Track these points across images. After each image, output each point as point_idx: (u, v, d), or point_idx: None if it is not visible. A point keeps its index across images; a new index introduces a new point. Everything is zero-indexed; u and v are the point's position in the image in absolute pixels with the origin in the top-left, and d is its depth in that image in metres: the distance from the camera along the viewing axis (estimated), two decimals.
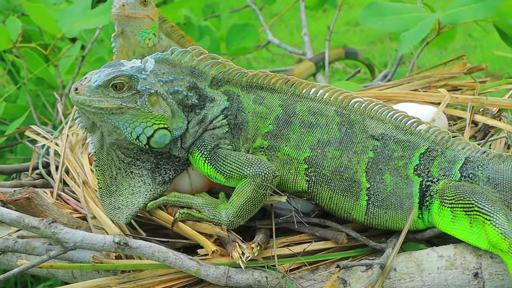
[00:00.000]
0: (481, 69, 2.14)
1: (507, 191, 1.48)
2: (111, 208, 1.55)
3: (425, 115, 1.92)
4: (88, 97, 1.45)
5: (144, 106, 1.47)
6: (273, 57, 4.12)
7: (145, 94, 1.47)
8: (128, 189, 1.55)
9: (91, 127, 1.53)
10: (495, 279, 1.42)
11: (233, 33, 2.84)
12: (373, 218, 1.52)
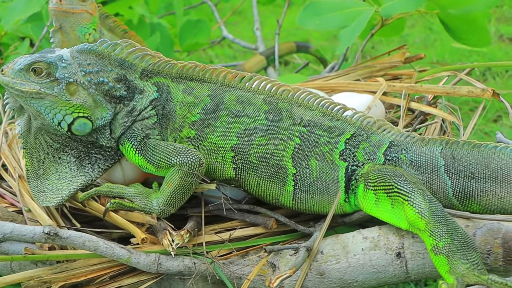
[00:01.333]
0: (420, 58, 2.19)
1: (429, 173, 1.52)
2: (36, 191, 1.59)
3: (363, 104, 1.96)
4: (12, 79, 1.50)
5: (62, 94, 1.51)
6: (235, 53, 4.15)
7: (63, 82, 1.51)
8: (55, 174, 1.58)
9: (19, 109, 1.58)
10: (416, 258, 1.46)
11: (186, 30, 2.86)
12: (300, 203, 1.55)
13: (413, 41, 4.33)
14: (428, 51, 4.19)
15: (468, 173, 1.50)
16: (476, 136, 3.46)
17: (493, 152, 1.51)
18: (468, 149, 1.53)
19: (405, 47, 2.26)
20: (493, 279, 1.27)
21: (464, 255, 1.35)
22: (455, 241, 1.36)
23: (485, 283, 1.28)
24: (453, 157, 1.52)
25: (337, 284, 1.50)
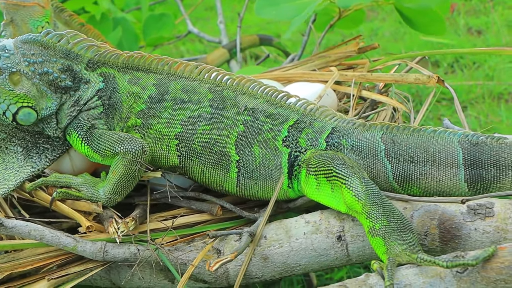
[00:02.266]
0: (374, 48, 2.22)
1: (370, 157, 1.55)
2: None
3: (315, 92, 1.99)
4: None
5: (5, 83, 1.52)
6: (205, 48, 4.16)
7: (5, 72, 1.52)
8: (2, 164, 1.60)
9: None
10: (356, 240, 1.49)
11: (149, 24, 2.87)
12: (244, 190, 1.58)
13: (383, 34, 4.37)
14: (398, 44, 4.24)
15: (408, 157, 1.54)
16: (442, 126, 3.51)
17: (432, 136, 1.54)
18: (408, 133, 1.56)
19: (361, 37, 2.28)
20: (422, 257, 1.30)
21: (400, 236, 1.38)
22: (392, 223, 1.39)
23: (415, 262, 1.31)
24: (393, 141, 1.55)
25: (281, 268, 1.53)
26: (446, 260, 1.27)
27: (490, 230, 1.42)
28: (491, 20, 4.38)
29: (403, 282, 1.29)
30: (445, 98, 3.73)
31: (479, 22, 4.42)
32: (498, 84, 3.70)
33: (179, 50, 4.23)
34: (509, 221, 1.41)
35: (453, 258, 1.28)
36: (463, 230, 1.43)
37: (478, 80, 3.76)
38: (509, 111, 3.49)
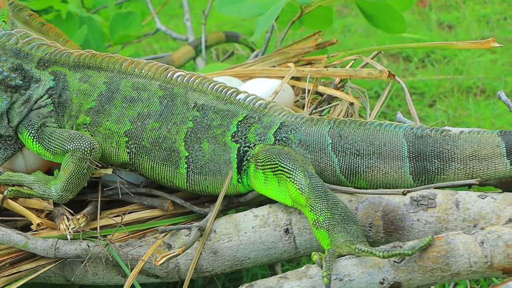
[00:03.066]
0: (332, 43, 2.24)
1: (317, 151, 1.58)
2: None
3: (272, 88, 2.01)
4: None
5: None
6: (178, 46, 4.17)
7: None
8: None
9: None
10: (303, 233, 1.52)
11: (116, 22, 2.88)
12: (194, 185, 1.60)
13: (356, 30, 4.40)
14: (370, 40, 4.27)
15: (354, 150, 1.56)
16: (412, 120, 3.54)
17: (378, 130, 1.57)
18: (354, 127, 1.58)
19: (320, 33, 2.31)
20: (360, 248, 1.33)
21: (344, 228, 1.41)
22: (336, 215, 1.42)
23: (354, 253, 1.34)
24: (340, 135, 1.57)
25: (231, 262, 1.55)
26: (383, 251, 1.30)
27: (432, 221, 1.45)
28: (462, 15, 4.43)
29: (343, 272, 1.32)
30: (415, 93, 3.77)
31: (451, 17, 4.46)
32: (467, 78, 3.74)
33: (152, 48, 4.23)
34: (450, 212, 1.44)
35: (391, 248, 1.31)
36: (406, 221, 1.46)
37: (449, 74, 3.81)
38: (478, 105, 3.53)
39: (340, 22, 4.58)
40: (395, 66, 4.01)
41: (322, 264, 1.31)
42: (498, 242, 1.31)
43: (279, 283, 1.31)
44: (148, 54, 3.99)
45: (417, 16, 4.57)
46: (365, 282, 1.31)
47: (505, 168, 1.52)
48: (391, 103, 3.70)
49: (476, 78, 3.71)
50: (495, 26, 4.30)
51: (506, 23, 4.33)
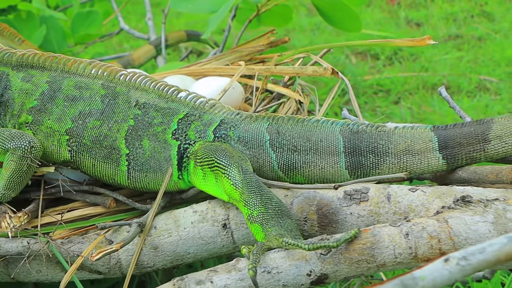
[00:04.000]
0: (284, 42, 2.27)
1: (255, 147, 1.61)
2: None
3: (222, 86, 2.04)
4: None
5: None
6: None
7: None
8: None
9: None
10: (240, 228, 1.54)
11: (77, 22, 2.89)
12: (135, 182, 1.62)
13: (325, 28, 4.43)
14: (339, 38, 4.30)
15: (291, 146, 1.59)
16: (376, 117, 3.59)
17: (315, 126, 1.61)
18: (292, 124, 1.62)
19: (274, 31, 2.34)
20: (287, 241, 1.36)
21: (278, 222, 1.44)
22: (269, 210, 1.45)
23: (282, 246, 1.37)
24: (278, 132, 1.61)
25: (171, 257, 1.57)
26: (309, 243, 1.33)
27: (364, 214, 1.48)
28: (430, 13, 4.49)
29: (271, 265, 1.35)
30: (382, 90, 3.82)
31: (419, 15, 4.52)
32: (432, 75, 3.79)
33: (122, 47, 4.25)
34: (382, 205, 1.48)
35: (318, 241, 1.34)
36: (339, 214, 1.49)
37: (415, 72, 3.85)
38: (442, 102, 3.57)
39: (310, 21, 4.62)
40: (363, 64, 4.06)
41: (250, 257, 1.34)
42: (422, 234, 1.35)
43: (208, 276, 1.34)
44: (118, 53, 4.01)
45: (386, 14, 4.62)
46: (293, 274, 1.34)
47: (437, 162, 1.56)
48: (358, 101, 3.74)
49: (441, 75, 3.77)
50: (462, 24, 4.36)
51: (473, 21, 4.39)
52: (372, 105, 3.74)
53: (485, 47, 4.04)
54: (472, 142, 1.55)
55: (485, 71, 3.77)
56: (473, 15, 4.43)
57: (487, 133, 1.54)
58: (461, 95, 3.62)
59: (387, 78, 3.80)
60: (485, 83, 3.68)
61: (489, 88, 3.66)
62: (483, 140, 1.54)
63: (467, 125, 1.56)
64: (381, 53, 4.10)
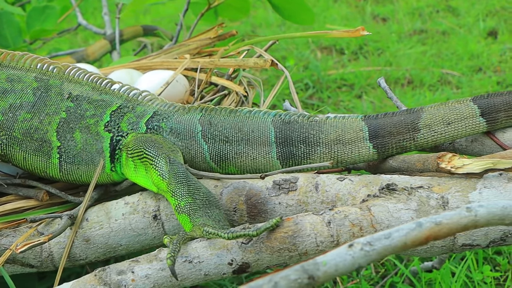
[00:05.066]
0: (232, 35, 2.28)
1: (187, 139, 1.61)
2: None
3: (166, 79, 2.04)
4: None
5: None
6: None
7: None
8: None
9: None
10: (171, 219, 1.54)
11: (33, 17, 2.87)
12: (68, 175, 1.62)
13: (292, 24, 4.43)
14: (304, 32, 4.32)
15: (223, 137, 1.60)
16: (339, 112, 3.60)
17: (247, 116, 1.61)
18: (225, 115, 1.62)
19: (223, 25, 2.34)
20: (208, 230, 1.36)
21: (206, 213, 1.44)
22: (197, 200, 1.45)
23: (203, 235, 1.37)
24: (210, 123, 1.61)
25: (104, 249, 1.57)
26: (228, 232, 1.33)
27: (292, 204, 1.49)
28: (396, 8, 4.51)
29: (192, 254, 1.35)
30: (345, 84, 3.83)
31: (386, 10, 4.54)
32: (396, 69, 3.81)
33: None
34: (310, 194, 1.48)
35: (240, 230, 1.35)
36: (268, 204, 1.50)
37: (379, 66, 3.87)
38: (404, 95, 3.60)
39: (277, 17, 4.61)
40: (328, 58, 4.07)
41: (170, 247, 1.34)
42: (344, 222, 1.36)
43: (130, 266, 1.34)
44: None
45: (353, 9, 4.63)
46: (214, 263, 1.34)
47: (368, 152, 1.56)
48: (321, 95, 3.76)
49: (404, 70, 3.79)
50: (428, 18, 4.38)
51: (438, 15, 4.41)
52: (335, 99, 3.75)
53: (449, 42, 4.07)
54: (402, 131, 1.56)
55: (448, 65, 3.80)
56: (439, 10, 4.46)
57: (417, 122, 1.56)
58: (423, 89, 3.64)
59: (351, 72, 3.82)
60: (447, 77, 3.71)
61: (451, 82, 3.69)
62: (413, 129, 1.56)
63: (397, 115, 1.58)
64: (346, 48, 4.12)
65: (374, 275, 2.43)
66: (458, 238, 1.40)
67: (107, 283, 1.32)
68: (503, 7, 4.37)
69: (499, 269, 2.43)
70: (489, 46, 3.98)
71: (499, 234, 1.39)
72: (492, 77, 3.65)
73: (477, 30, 4.15)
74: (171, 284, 1.32)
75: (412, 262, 2.37)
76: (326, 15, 4.51)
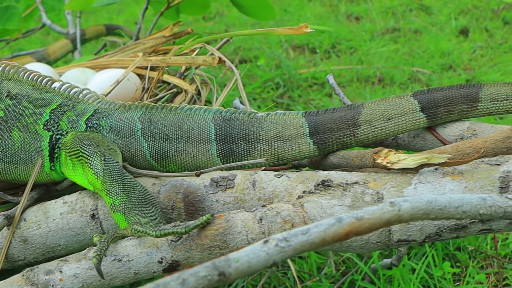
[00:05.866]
0: (188, 33, 2.26)
1: (127, 137, 1.59)
2: None
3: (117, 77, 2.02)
4: None
5: None
6: None
7: None
8: None
9: None
10: (109, 218, 1.53)
11: None
12: (6, 174, 1.60)
13: (266, 22, 4.42)
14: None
15: (163, 135, 1.58)
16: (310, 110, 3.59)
17: (188, 114, 1.59)
18: (165, 112, 1.60)
19: (180, 23, 2.32)
20: (136, 228, 1.35)
21: (141, 211, 1.43)
22: (132, 199, 1.43)
23: (133, 233, 1.36)
24: (150, 121, 1.59)
25: (42, 249, 1.55)
26: (157, 230, 1.32)
27: (230, 201, 1.47)
28: (370, 7, 4.51)
29: (122, 253, 1.33)
30: (317, 83, 3.82)
31: (359, 9, 4.54)
32: (367, 68, 3.81)
33: None
34: (247, 192, 1.47)
35: (170, 227, 1.33)
36: (206, 202, 1.48)
37: (351, 65, 3.87)
38: (374, 93, 3.60)
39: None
40: (301, 57, 4.06)
41: (97, 245, 1.33)
42: (276, 219, 1.35)
43: (58, 266, 1.33)
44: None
45: (327, 8, 4.63)
46: (144, 261, 1.32)
47: (308, 148, 1.56)
48: (291, 93, 3.75)
49: (375, 68, 3.78)
50: (401, 17, 4.39)
51: (411, 14, 4.42)
52: (306, 98, 3.74)
53: (421, 40, 4.08)
54: (342, 127, 1.55)
55: (419, 63, 3.80)
56: (412, 9, 4.46)
57: (357, 118, 1.55)
58: (393, 87, 3.64)
59: (322, 71, 3.81)
60: (418, 74, 3.71)
61: (421, 80, 3.69)
62: (353, 125, 1.55)
63: (338, 111, 1.57)
64: (318, 46, 4.11)
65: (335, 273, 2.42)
66: (393, 233, 1.39)
67: (35, 283, 1.31)
68: (475, 6, 4.38)
69: (460, 265, 2.44)
70: (461, 44, 3.99)
71: (434, 229, 1.38)
72: (462, 75, 3.66)
73: (449, 29, 4.16)
74: (100, 283, 1.31)
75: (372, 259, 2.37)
76: (300, 14, 4.50)
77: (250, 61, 3.95)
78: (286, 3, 4.64)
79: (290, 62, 3.89)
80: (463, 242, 2.52)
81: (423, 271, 2.34)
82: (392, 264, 2.32)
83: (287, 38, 4.19)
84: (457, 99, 1.56)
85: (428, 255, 2.36)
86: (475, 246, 2.48)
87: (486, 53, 3.88)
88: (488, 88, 1.56)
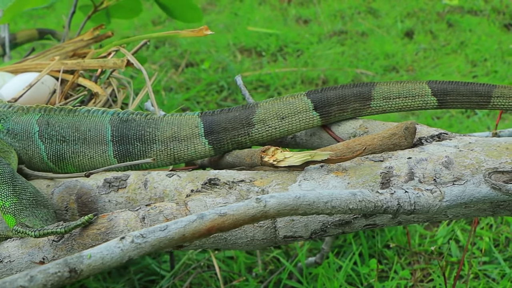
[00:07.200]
0: (108, 36, 2.27)
1: (25, 139, 1.60)
2: None
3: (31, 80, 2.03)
4: None
5: None
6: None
7: None
8: None
9: None
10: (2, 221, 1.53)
11: None
12: None
13: (216, 26, 4.46)
14: (230, 34, 4.34)
15: (60, 137, 1.59)
16: None
17: (86, 116, 1.61)
18: (63, 114, 1.61)
19: (103, 27, 2.33)
20: (16, 229, 1.35)
21: (32, 212, 1.43)
22: (23, 200, 1.44)
23: (13, 235, 1.36)
24: (48, 123, 1.60)
25: None
26: (36, 230, 1.33)
27: (122, 201, 1.49)
28: (319, 10, 4.56)
29: (3, 254, 1.34)
30: (262, 85, 3.85)
31: (308, 12, 4.59)
32: (312, 70, 3.85)
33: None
34: (139, 191, 1.49)
35: (53, 227, 1.34)
36: (98, 202, 1.49)
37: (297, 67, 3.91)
38: None
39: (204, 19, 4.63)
40: (248, 60, 4.10)
41: None
42: (159, 217, 1.36)
43: None
44: None
45: (277, 12, 4.67)
46: (26, 262, 1.33)
47: (204, 148, 1.58)
48: (236, 96, 3.78)
49: (320, 70, 3.83)
50: (349, 20, 4.44)
51: (359, 17, 4.48)
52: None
53: (367, 42, 4.13)
54: (237, 127, 1.57)
55: (363, 65, 3.86)
56: (360, 12, 4.53)
57: (251, 117, 1.58)
58: None
59: (268, 74, 3.85)
60: (361, 76, 3.76)
61: (364, 81, 3.74)
62: (247, 124, 1.57)
63: (233, 110, 1.59)
64: (265, 50, 4.15)
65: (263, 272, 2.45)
66: (279, 230, 1.42)
67: None
68: (421, 9, 4.46)
69: (387, 262, 2.48)
70: (405, 46, 4.06)
71: (318, 225, 1.41)
72: (404, 76, 3.72)
73: (395, 31, 4.23)
74: None
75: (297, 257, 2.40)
76: (250, 17, 4.54)
77: (197, 64, 3.97)
78: (236, 7, 4.67)
79: (236, 65, 3.92)
80: (392, 240, 2.57)
81: (349, 268, 2.37)
82: (316, 262, 2.36)
83: (236, 41, 4.22)
84: (350, 98, 1.59)
85: (355, 253, 2.40)
86: (401, 243, 2.52)
87: (429, 54, 3.95)
88: (380, 86, 1.60)
